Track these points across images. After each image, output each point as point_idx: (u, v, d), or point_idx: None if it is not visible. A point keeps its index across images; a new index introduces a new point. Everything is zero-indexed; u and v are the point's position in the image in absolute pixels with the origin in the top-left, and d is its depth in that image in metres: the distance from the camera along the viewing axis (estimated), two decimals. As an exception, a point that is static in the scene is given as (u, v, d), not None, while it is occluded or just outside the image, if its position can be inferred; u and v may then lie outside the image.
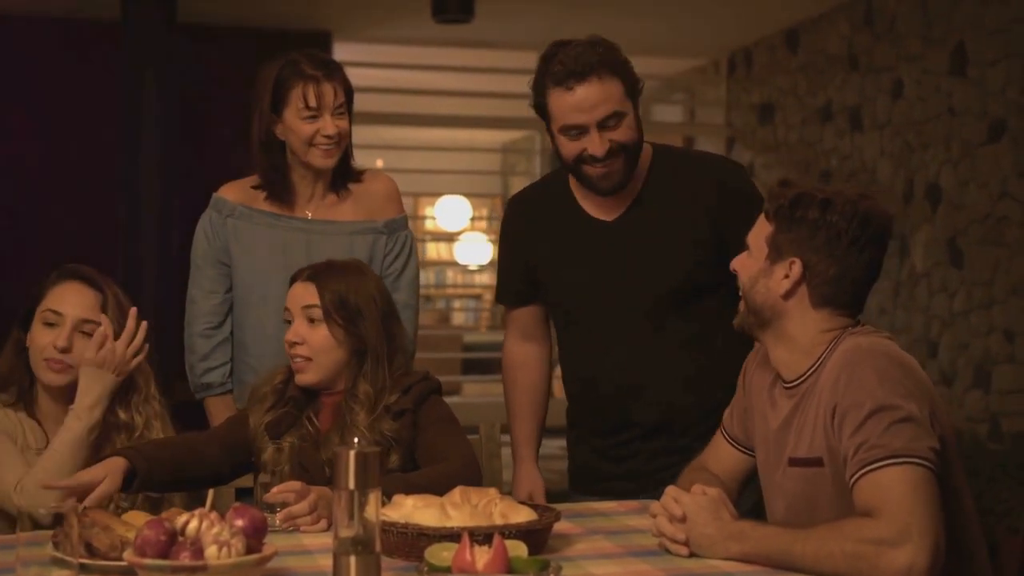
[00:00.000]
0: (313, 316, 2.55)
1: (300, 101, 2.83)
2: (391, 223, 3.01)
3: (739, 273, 2.27)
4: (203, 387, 3.00)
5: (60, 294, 2.60)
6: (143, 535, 1.84)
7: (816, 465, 2.12)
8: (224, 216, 2.95)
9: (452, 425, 2.57)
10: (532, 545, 2.05)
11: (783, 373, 2.23)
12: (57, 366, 2.55)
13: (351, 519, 1.79)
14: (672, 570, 1.99)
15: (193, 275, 3.01)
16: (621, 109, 2.62)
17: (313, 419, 2.58)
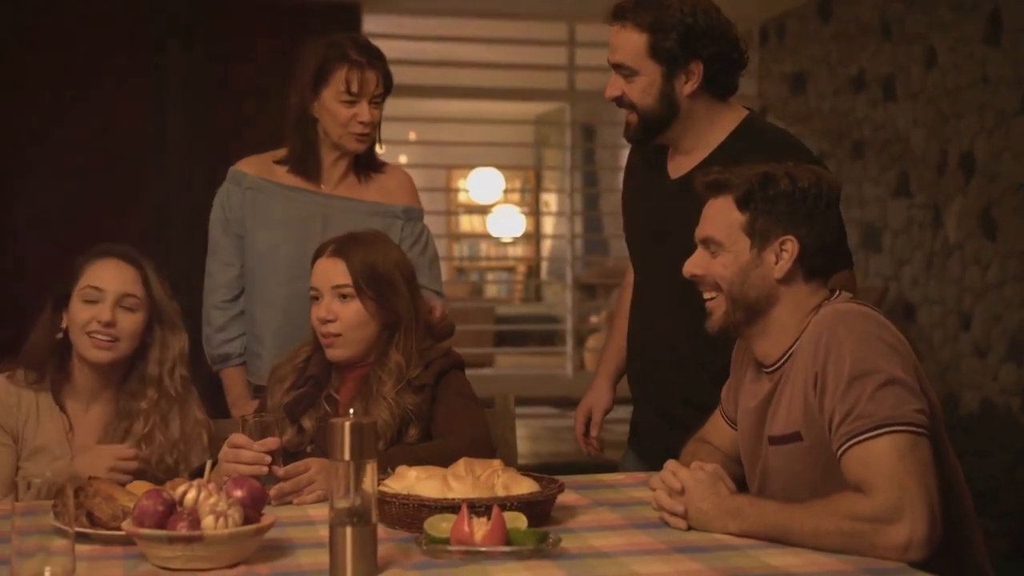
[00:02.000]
0: (344, 293, 2.53)
1: (342, 84, 2.83)
2: (409, 210, 3.03)
3: (713, 275, 2.17)
4: (220, 358, 3.01)
5: (98, 271, 2.60)
6: (141, 505, 1.85)
7: (794, 440, 2.10)
8: (243, 189, 2.96)
9: (468, 401, 2.56)
10: (534, 517, 2.04)
11: (764, 360, 2.20)
12: (103, 341, 2.55)
13: (347, 490, 1.79)
14: (674, 543, 1.98)
15: (211, 248, 3.02)
16: (632, 65, 2.56)
17: (334, 396, 2.57)
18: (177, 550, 1.80)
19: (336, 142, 2.90)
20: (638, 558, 1.88)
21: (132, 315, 2.57)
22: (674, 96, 2.56)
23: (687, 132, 2.63)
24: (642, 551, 1.93)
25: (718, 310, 2.19)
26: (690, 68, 2.54)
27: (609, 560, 1.88)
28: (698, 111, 2.60)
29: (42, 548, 1.72)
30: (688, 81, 2.55)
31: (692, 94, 2.57)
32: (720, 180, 2.18)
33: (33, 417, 2.56)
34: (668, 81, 2.55)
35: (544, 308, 10.67)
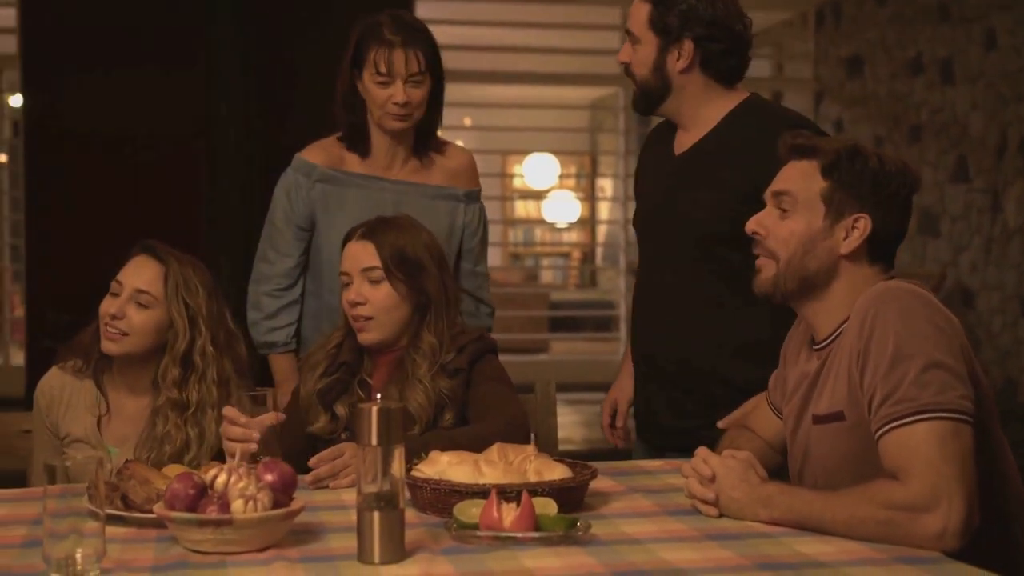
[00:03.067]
0: (374, 277, 2.54)
1: (374, 66, 2.83)
2: (470, 193, 3.03)
3: (776, 238, 2.14)
4: (266, 345, 3.02)
5: (128, 265, 2.64)
6: (172, 488, 1.86)
7: (837, 420, 2.07)
8: (312, 181, 2.94)
9: (503, 385, 2.56)
10: (567, 503, 2.04)
11: (817, 333, 2.17)
12: (111, 334, 2.58)
13: (374, 475, 1.79)
14: (705, 530, 1.96)
15: (270, 235, 3.00)
16: (637, 33, 2.70)
17: (366, 380, 2.57)
18: (207, 533, 1.81)
19: (376, 123, 2.91)
20: (668, 545, 1.87)
21: (145, 311, 2.58)
22: (666, 70, 2.67)
23: (683, 108, 2.72)
24: (673, 538, 1.92)
25: (767, 271, 2.16)
26: (682, 44, 2.65)
27: (638, 547, 1.87)
28: (691, 89, 2.68)
29: (75, 530, 1.74)
30: (680, 58, 2.65)
31: (684, 71, 2.66)
32: (808, 144, 2.16)
33: (73, 407, 2.60)
34: (662, 54, 2.67)
35: (599, 294, 10.64)
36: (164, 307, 2.59)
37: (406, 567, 1.77)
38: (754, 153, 2.57)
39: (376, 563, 1.77)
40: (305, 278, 2.99)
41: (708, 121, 2.70)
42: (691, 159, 2.73)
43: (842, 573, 1.74)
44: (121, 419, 2.62)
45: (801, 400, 2.18)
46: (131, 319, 2.57)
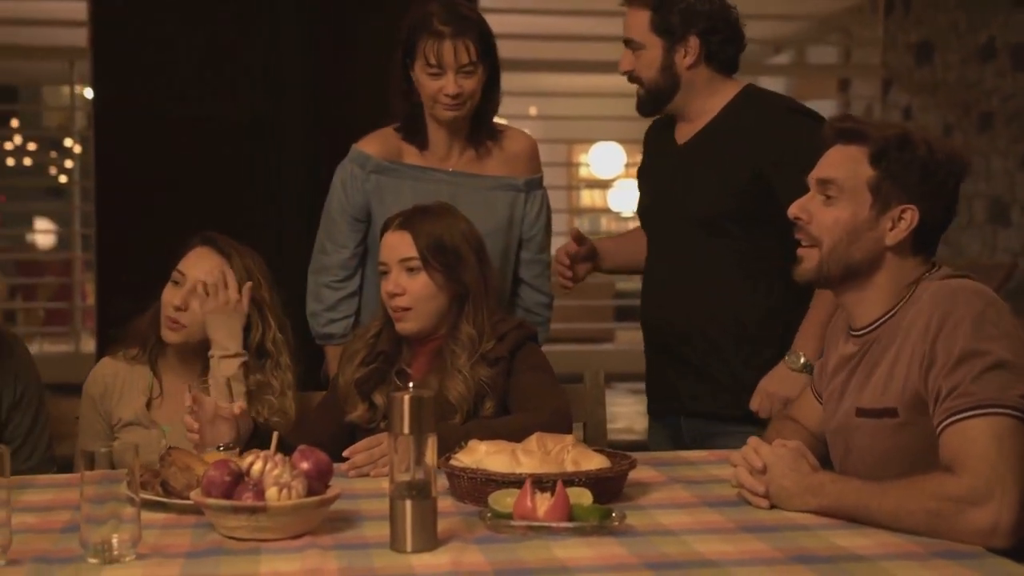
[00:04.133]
0: (412, 266, 2.54)
1: (424, 58, 2.82)
2: (531, 182, 3.01)
3: (819, 224, 2.11)
4: (325, 336, 3.02)
5: (189, 256, 2.68)
6: (209, 475, 1.88)
7: (886, 416, 2.04)
8: (367, 172, 2.94)
9: (545, 374, 2.55)
10: (605, 493, 2.03)
11: (855, 321, 2.14)
12: (172, 324, 2.62)
13: (407, 464, 1.80)
14: (743, 522, 1.95)
15: (326, 226, 3.01)
16: (637, 39, 2.80)
17: (405, 371, 2.58)
18: (241, 520, 1.83)
19: (430, 113, 2.90)
20: (702, 537, 1.86)
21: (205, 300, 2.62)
22: (675, 68, 2.80)
23: (690, 102, 2.84)
24: (708, 530, 1.90)
25: (810, 260, 2.13)
26: (688, 42, 2.78)
27: (672, 538, 1.85)
28: (698, 82, 2.82)
29: (114, 515, 1.77)
30: (687, 54, 2.78)
31: (691, 66, 2.80)
32: (856, 129, 2.12)
33: (126, 393, 2.65)
34: (668, 54, 2.79)
35: (665, 283, 10.49)
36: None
37: (438, 555, 1.77)
38: (755, 137, 2.74)
39: (408, 551, 1.78)
40: (364, 269, 3.00)
41: (710, 111, 2.84)
42: (694, 147, 2.85)
43: (879, 567, 1.71)
44: (174, 402, 2.65)
45: (840, 384, 2.16)
46: (194, 310, 2.61)
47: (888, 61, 7.65)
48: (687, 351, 2.84)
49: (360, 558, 1.76)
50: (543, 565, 1.72)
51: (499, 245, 2.86)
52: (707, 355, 2.81)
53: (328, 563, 1.73)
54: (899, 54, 7.53)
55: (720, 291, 2.79)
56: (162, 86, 6.63)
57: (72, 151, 8.35)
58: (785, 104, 2.86)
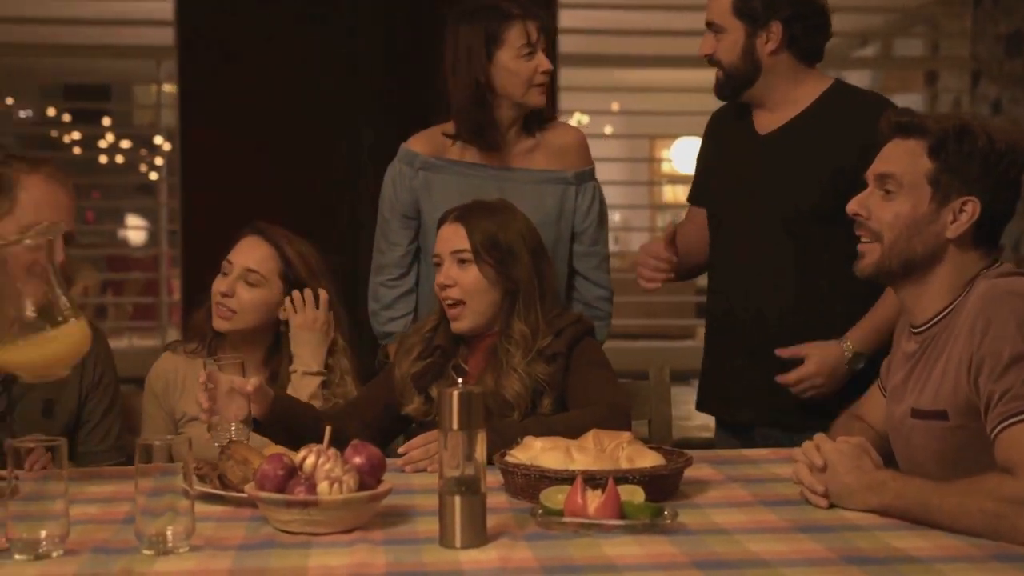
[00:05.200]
0: (463, 258, 2.55)
1: (520, 38, 2.83)
2: (580, 174, 3.00)
3: (879, 220, 2.08)
4: (385, 335, 3.04)
5: (238, 245, 2.73)
6: (263, 469, 1.90)
7: (939, 418, 2.00)
8: (415, 169, 2.96)
9: (604, 369, 2.54)
10: (660, 490, 2.02)
11: (915, 317, 2.10)
12: (222, 311, 2.66)
13: (456, 460, 1.80)
14: (798, 521, 1.92)
15: (380, 226, 3.04)
16: (720, 23, 2.75)
17: (461, 366, 2.58)
18: (294, 514, 1.85)
19: (520, 101, 2.88)
20: (756, 536, 1.84)
21: (253, 290, 2.68)
22: (756, 54, 2.73)
23: (771, 90, 2.77)
24: (762, 529, 1.88)
25: (871, 255, 2.11)
26: (770, 27, 2.71)
27: (725, 537, 1.84)
28: (781, 70, 2.75)
29: (171, 507, 1.79)
30: (769, 40, 2.71)
31: (773, 53, 2.73)
32: (913, 121, 2.09)
33: (188, 388, 2.69)
34: (750, 39, 2.72)
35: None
36: (272, 286, 2.66)
37: (486, 551, 1.77)
38: (844, 133, 2.67)
39: (457, 547, 1.79)
40: (419, 267, 3.01)
41: (796, 102, 2.77)
42: (780, 138, 2.77)
43: (934, 569, 1.68)
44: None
45: (901, 382, 2.13)
46: (240, 297, 2.65)
47: (977, 53, 7.49)
48: (760, 354, 2.73)
49: (409, 553, 1.77)
50: (591, 563, 1.71)
51: (549, 238, 2.85)
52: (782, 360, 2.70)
53: (377, 558, 1.74)
54: (988, 46, 7.37)
55: (798, 290, 2.71)
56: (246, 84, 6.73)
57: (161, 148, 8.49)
58: (877, 102, 2.74)
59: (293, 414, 2.42)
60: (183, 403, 2.69)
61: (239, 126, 6.74)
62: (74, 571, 1.70)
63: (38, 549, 1.76)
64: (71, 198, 2.56)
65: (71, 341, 2.11)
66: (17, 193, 2.46)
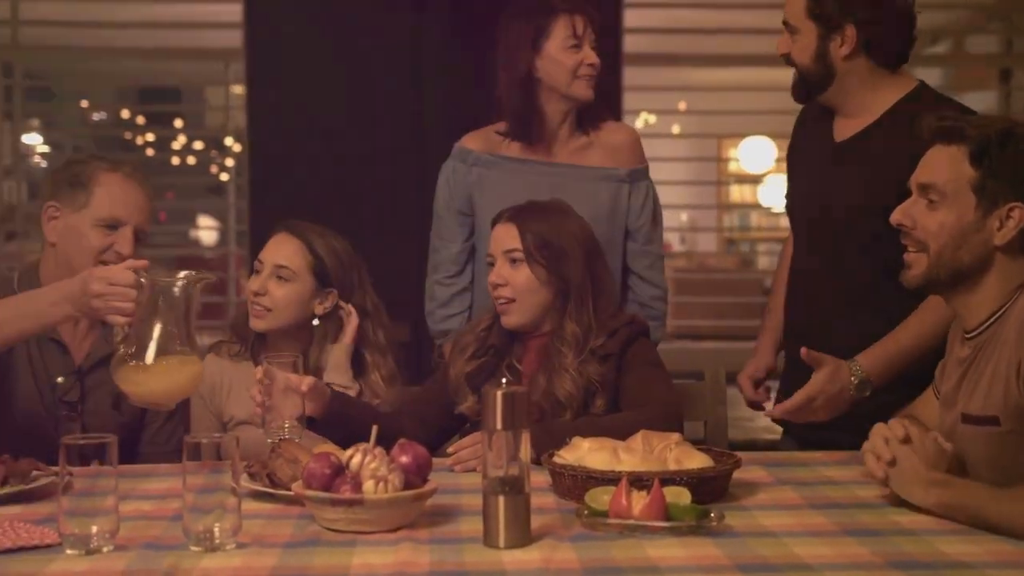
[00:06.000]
0: (515, 258, 2.55)
1: (566, 30, 2.87)
2: (634, 172, 3.00)
3: (924, 230, 2.05)
4: (441, 333, 3.05)
5: (269, 244, 2.75)
6: (310, 468, 1.92)
7: (990, 424, 1.97)
8: (469, 166, 2.98)
9: (656, 369, 2.53)
10: (706, 492, 2.01)
11: (966, 323, 2.07)
12: (256, 310, 2.68)
13: (500, 460, 1.80)
14: (847, 525, 1.90)
15: (435, 224, 3.07)
16: (794, 23, 2.63)
17: (515, 365, 2.59)
18: (339, 512, 1.86)
19: (566, 93, 2.90)
20: (802, 539, 1.82)
21: (285, 285, 2.68)
22: (829, 57, 2.60)
23: (847, 96, 2.65)
24: (810, 532, 1.87)
25: (918, 266, 2.08)
26: (844, 31, 2.58)
27: (771, 540, 1.82)
28: (856, 76, 2.61)
29: (220, 505, 1.82)
30: (843, 44, 2.58)
31: (848, 57, 2.59)
32: (954, 127, 2.06)
33: (235, 390, 2.70)
34: (823, 42, 2.60)
35: (817, 280, 10.28)
36: (303, 280, 2.67)
37: (529, 552, 1.78)
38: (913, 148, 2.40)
39: (500, 547, 1.79)
40: (474, 268, 3.02)
41: (873, 109, 2.63)
42: (851, 147, 2.64)
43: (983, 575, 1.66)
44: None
45: (954, 387, 2.11)
46: (273, 294, 2.67)
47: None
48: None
49: (452, 553, 1.77)
50: (634, 564, 1.71)
51: (601, 236, 2.83)
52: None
53: (420, 557, 1.75)
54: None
55: (860, 302, 2.61)
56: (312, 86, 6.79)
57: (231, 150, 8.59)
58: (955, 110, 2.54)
59: (350, 413, 2.43)
60: (230, 406, 2.70)
61: (306, 127, 6.80)
62: (123, 566, 1.73)
63: (89, 544, 1.79)
64: (147, 198, 2.65)
65: (185, 377, 2.22)
66: (93, 189, 2.60)
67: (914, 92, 2.63)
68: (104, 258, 2.58)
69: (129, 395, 2.25)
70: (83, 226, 2.59)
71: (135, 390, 2.23)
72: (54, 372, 2.63)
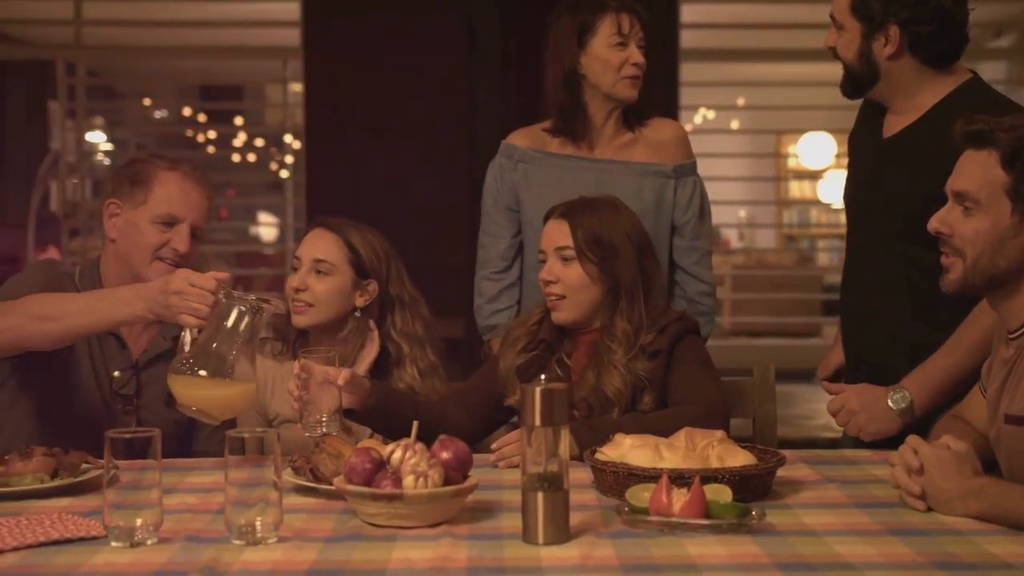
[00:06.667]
0: (566, 255, 2.55)
1: (612, 28, 2.88)
2: (680, 167, 2.99)
3: (961, 237, 2.03)
4: (488, 329, 3.06)
5: (305, 240, 2.76)
6: (351, 463, 1.93)
7: None
8: (514, 162, 3.00)
9: (704, 367, 2.52)
10: (748, 490, 2.00)
11: (1008, 323, 2.04)
12: (298, 306, 2.70)
13: (539, 456, 1.80)
14: (891, 524, 1.88)
15: (483, 221, 3.08)
16: (839, 19, 2.59)
17: (565, 360, 2.58)
18: (380, 507, 1.87)
19: (608, 91, 2.91)
20: (845, 538, 1.80)
21: (324, 279, 2.69)
22: (872, 57, 2.56)
23: (894, 94, 2.61)
24: (853, 531, 1.84)
25: (955, 271, 2.06)
26: (888, 31, 2.53)
27: (812, 539, 1.80)
28: (903, 75, 2.57)
29: (263, 499, 1.83)
30: (887, 44, 2.54)
31: (892, 57, 2.55)
32: (984, 131, 2.03)
33: (279, 389, 2.70)
34: (867, 40, 2.56)
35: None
36: (342, 273, 2.69)
37: (568, 548, 1.77)
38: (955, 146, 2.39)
39: (539, 544, 1.79)
40: (522, 260, 3.03)
41: (921, 106, 2.58)
42: (899, 144, 2.60)
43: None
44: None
45: (998, 388, 2.08)
46: (313, 290, 2.68)
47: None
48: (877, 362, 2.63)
49: (490, 549, 1.77)
50: (672, 562, 1.70)
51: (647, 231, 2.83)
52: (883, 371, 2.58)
53: (458, 552, 1.75)
54: None
55: (905, 296, 2.57)
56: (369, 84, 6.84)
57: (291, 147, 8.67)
58: (1009, 106, 2.53)
59: (390, 404, 2.44)
60: (275, 404, 2.71)
61: (362, 124, 6.86)
62: (166, 559, 1.75)
63: (133, 537, 1.81)
64: (204, 196, 2.69)
65: (237, 396, 2.27)
66: (152, 186, 2.65)
67: (963, 86, 2.57)
68: (161, 254, 2.63)
69: (178, 402, 2.28)
70: (141, 222, 2.64)
71: (185, 399, 2.26)
72: (112, 366, 2.68)
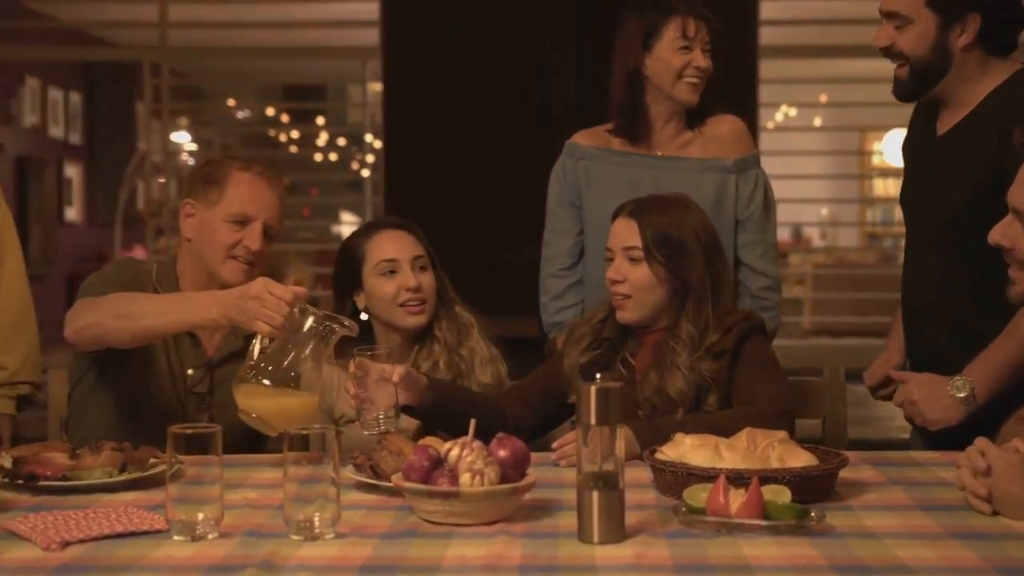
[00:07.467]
0: (634, 256, 2.54)
1: (677, 31, 2.89)
2: (741, 161, 2.98)
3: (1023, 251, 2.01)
4: (554, 326, 3.06)
5: (381, 245, 2.77)
6: (409, 460, 1.94)
7: None
8: (576, 160, 3.02)
9: (769, 367, 2.49)
10: (809, 491, 1.97)
11: None
12: (415, 307, 2.72)
13: (595, 455, 1.80)
14: (955, 528, 1.85)
15: (548, 219, 3.10)
16: (907, 14, 2.53)
17: (629, 360, 2.57)
18: (437, 504, 1.88)
19: (670, 94, 2.93)
20: (905, 541, 1.77)
21: (428, 273, 2.75)
22: (948, 48, 2.52)
23: (958, 87, 2.57)
24: (914, 534, 1.82)
25: (1022, 283, 2.03)
26: (967, 20, 2.50)
27: (871, 541, 1.78)
28: (970, 65, 2.55)
29: (322, 495, 1.85)
30: (964, 33, 2.51)
31: (967, 47, 2.52)
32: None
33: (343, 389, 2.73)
34: (943, 32, 2.51)
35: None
36: (435, 266, 2.76)
37: (622, 548, 1.77)
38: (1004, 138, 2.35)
39: (594, 543, 1.78)
40: (585, 257, 3.03)
41: (974, 99, 2.56)
42: (951, 140, 2.57)
43: (1092, 583, 1.60)
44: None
45: None
46: (424, 285, 2.72)
47: None
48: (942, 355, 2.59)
49: (545, 547, 1.77)
50: (727, 563, 1.69)
51: None
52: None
53: (513, 550, 1.75)
54: None
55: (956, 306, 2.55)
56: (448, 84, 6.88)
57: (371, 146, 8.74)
58: None
59: (448, 400, 2.45)
60: (340, 404, 2.74)
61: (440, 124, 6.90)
62: (225, 553, 1.77)
63: (195, 531, 1.84)
64: (277, 196, 2.74)
65: (298, 411, 2.29)
66: (226, 186, 2.70)
67: (1014, 77, 2.55)
68: (234, 253, 2.67)
69: (240, 410, 2.32)
70: (215, 222, 2.68)
71: (247, 407, 2.30)
72: (187, 363, 2.73)
